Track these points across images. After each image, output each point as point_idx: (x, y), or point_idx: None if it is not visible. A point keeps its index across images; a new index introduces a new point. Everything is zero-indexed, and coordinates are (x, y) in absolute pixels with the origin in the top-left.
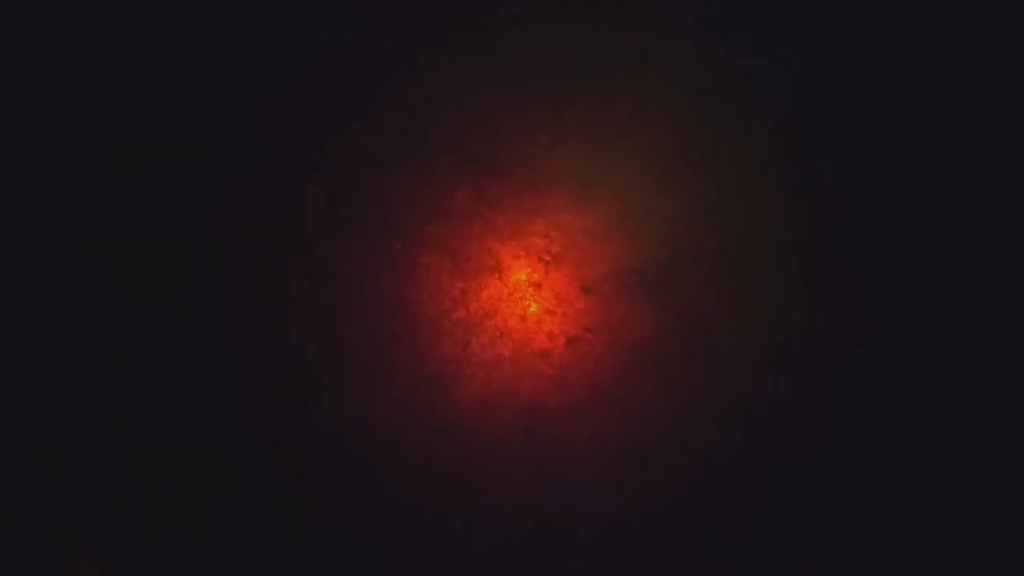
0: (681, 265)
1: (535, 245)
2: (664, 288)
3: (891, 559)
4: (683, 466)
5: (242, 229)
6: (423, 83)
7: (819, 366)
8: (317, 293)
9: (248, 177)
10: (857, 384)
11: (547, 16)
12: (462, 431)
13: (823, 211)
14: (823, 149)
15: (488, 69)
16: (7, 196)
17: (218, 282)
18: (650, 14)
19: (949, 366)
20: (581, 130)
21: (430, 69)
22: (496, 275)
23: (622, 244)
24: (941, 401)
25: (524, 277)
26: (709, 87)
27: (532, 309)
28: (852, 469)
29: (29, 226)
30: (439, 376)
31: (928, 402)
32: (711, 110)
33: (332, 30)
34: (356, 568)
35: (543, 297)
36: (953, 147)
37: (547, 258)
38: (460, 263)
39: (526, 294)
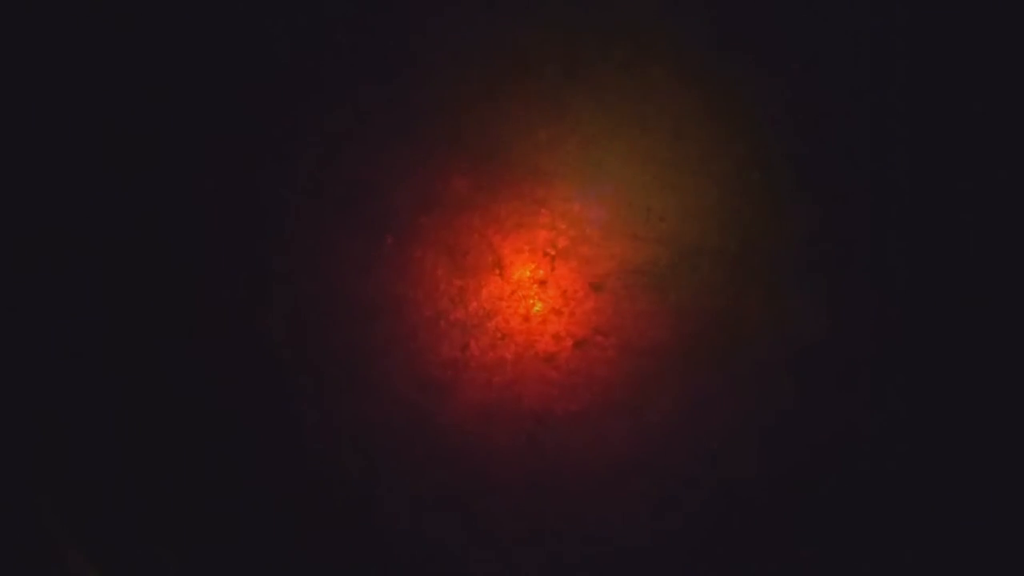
0: (700, 261)
1: (540, 238)
2: (682, 286)
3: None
4: (704, 480)
5: (213, 222)
6: (415, 57)
7: (849, 370)
8: (298, 292)
9: (218, 164)
10: (889, 388)
11: None
12: (459, 441)
13: (849, 206)
14: (844, 143)
15: (488, 42)
16: None
17: (189, 280)
18: None
19: (978, 363)
20: (591, 109)
21: (423, 42)
22: (497, 271)
23: (636, 237)
24: (972, 398)
25: (528, 273)
26: (728, 63)
27: (536, 308)
28: (887, 480)
29: (6, 224)
30: (434, 382)
31: (960, 400)
32: (731, 90)
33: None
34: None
35: (548, 295)
36: (965, 142)
37: (553, 252)
38: (457, 258)
39: (530, 292)
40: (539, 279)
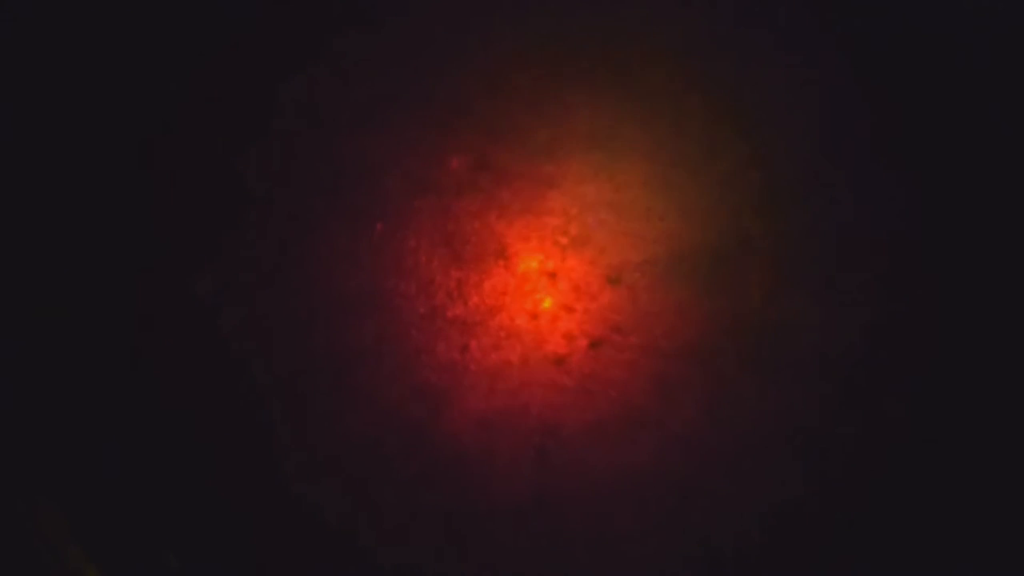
0: (730, 251)
1: (549, 225)
2: (709, 279)
3: None
4: (734, 501)
5: (179, 206)
6: (410, 20)
7: (896, 376)
8: (275, 286)
9: (184, 138)
10: (940, 394)
11: None
12: (458, 456)
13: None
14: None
15: (491, 3)
16: None
17: (153, 271)
18: None
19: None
20: (607, 79)
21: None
22: (501, 262)
23: (656, 224)
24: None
25: (536, 265)
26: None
27: (546, 304)
28: (942, 500)
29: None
30: (430, 387)
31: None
32: (760, 66)
33: None
34: None
35: (559, 289)
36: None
37: (564, 241)
38: (457, 247)
39: (538, 286)
40: (548, 271)
